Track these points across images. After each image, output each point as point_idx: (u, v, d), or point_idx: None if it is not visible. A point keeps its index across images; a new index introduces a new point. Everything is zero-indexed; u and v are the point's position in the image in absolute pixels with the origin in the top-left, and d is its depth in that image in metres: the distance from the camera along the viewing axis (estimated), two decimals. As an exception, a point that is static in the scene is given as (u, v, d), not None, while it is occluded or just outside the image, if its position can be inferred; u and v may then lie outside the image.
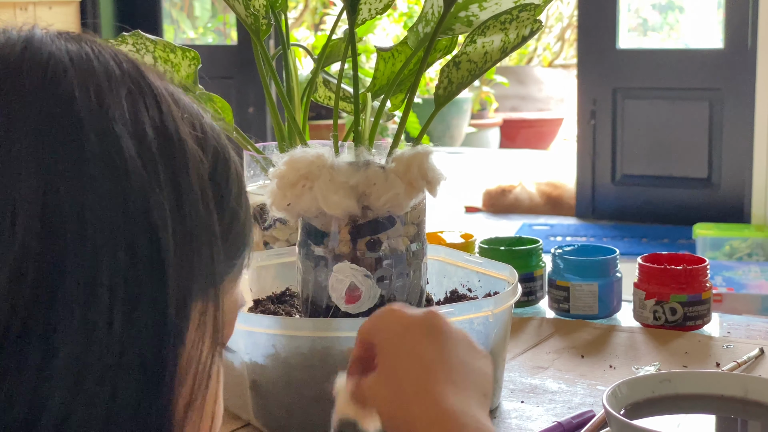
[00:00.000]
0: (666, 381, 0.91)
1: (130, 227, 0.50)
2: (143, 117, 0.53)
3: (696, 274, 1.26)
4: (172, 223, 0.52)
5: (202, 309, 0.54)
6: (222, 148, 0.59)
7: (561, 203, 5.14)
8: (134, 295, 0.50)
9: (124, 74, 0.54)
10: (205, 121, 0.58)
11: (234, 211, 0.58)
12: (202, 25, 7.05)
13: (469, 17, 1.02)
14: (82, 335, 0.49)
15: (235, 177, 0.59)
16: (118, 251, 0.50)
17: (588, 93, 4.84)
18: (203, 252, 0.54)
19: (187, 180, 0.53)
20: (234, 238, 0.58)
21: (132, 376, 0.50)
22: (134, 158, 0.51)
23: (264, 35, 1.11)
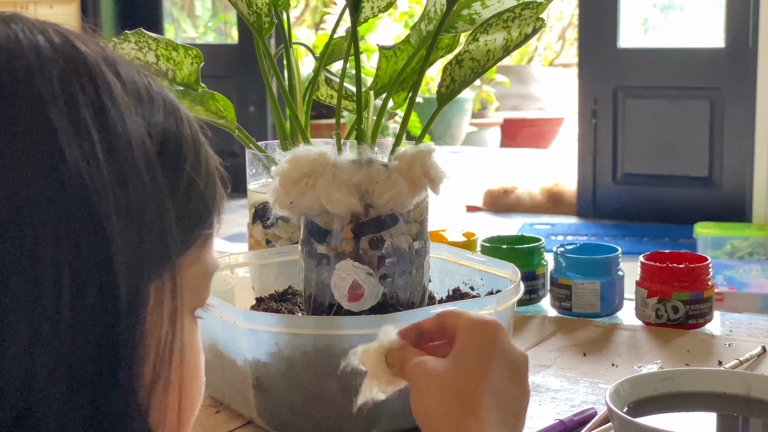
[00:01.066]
0: (668, 379, 0.91)
1: (69, 212, 0.49)
2: (77, 97, 0.51)
3: (698, 273, 1.26)
4: (115, 204, 0.50)
5: (158, 285, 0.53)
6: (172, 113, 0.56)
7: (562, 202, 5.14)
8: (81, 281, 0.49)
9: (57, 53, 0.52)
10: (153, 88, 0.56)
11: (190, 179, 0.56)
12: (203, 24, 7.06)
13: (471, 15, 1.02)
14: (30, 326, 0.48)
15: (189, 143, 0.57)
16: (60, 237, 0.48)
17: (589, 92, 4.84)
18: (153, 229, 0.52)
19: (128, 157, 0.52)
20: (193, 208, 0.56)
21: (87, 360, 0.50)
22: (69, 141, 0.50)
23: (266, 33, 1.11)
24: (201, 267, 0.58)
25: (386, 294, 0.98)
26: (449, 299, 1.12)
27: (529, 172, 6.38)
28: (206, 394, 1.06)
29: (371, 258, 0.98)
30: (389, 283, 0.98)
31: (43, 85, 0.50)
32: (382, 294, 0.98)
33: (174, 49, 1.16)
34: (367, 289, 0.97)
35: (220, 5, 7.00)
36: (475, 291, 1.13)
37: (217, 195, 0.59)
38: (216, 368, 1.03)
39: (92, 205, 0.49)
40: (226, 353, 1.00)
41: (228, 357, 0.99)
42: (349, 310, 0.97)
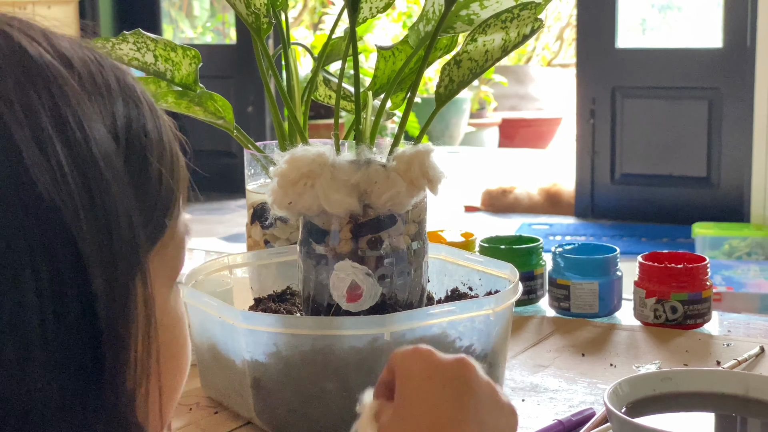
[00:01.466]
0: (667, 379, 0.91)
1: (43, 231, 0.48)
2: (35, 105, 0.49)
3: (696, 273, 1.26)
4: (85, 216, 0.50)
5: (132, 284, 0.53)
6: (131, 98, 0.55)
7: (560, 202, 5.14)
8: (62, 299, 0.49)
9: (8, 61, 0.50)
10: (110, 78, 0.55)
11: (156, 171, 0.56)
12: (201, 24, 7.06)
13: (470, 16, 1.02)
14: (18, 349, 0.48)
15: (152, 128, 0.56)
16: (36, 257, 0.48)
17: (587, 92, 4.85)
18: (123, 233, 0.52)
19: (93, 164, 0.51)
20: (161, 200, 0.56)
21: (76, 374, 0.50)
22: (34, 158, 0.48)
23: (265, 34, 1.11)
24: (174, 243, 0.58)
25: (385, 294, 0.98)
26: (448, 299, 1.12)
27: (528, 172, 6.38)
28: (205, 394, 1.07)
29: (370, 258, 0.98)
30: (388, 284, 0.98)
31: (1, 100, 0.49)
32: (380, 294, 0.98)
33: (172, 49, 1.16)
34: (365, 290, 0.97)
35: (219, 6, 7.00)
36: (474, 291, 1.13)
37: (181, 175, 0.59)
38: (215, 369, 1.03)
39: (64, 221, 0.49)
40: (224, 354, 1.00)
41: (227, 357, 0.99)
42: (348, 310, 0.97)
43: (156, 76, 1.16)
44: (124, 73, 0.57)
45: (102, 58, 0.56)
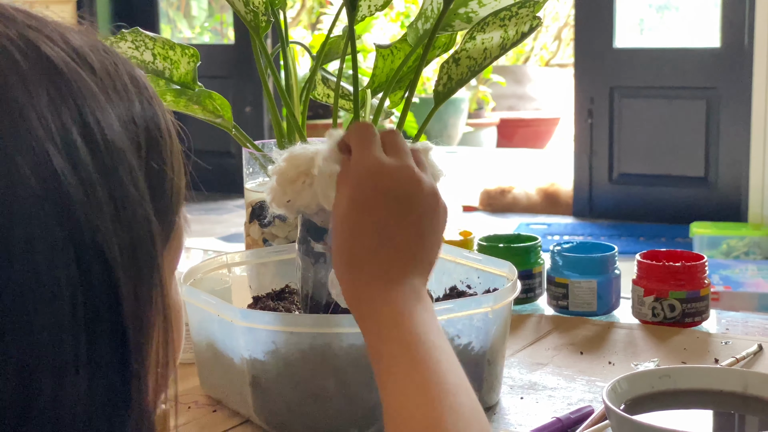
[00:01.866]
0: (665, 376, 0.91)
1: (75, 240, 0.49)
2: (66, 116, 0.50)
3: (695, 271, 1.26)
4: (111, 221, 0.50)
5: (154, 296, 0.53)
6: (146, 97, 0.56)
7: (558, 202, 5.15)
8: (93, 316, 0.49)
9: (35, 70, 0.50)
10: (124, 76, 0.55)
11: (170, 172, 0.56)
12: (199, 24, 7.05)
13: (468, 14, 1.02)
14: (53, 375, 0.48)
15: (164, 128, 0.57)
16: (71, 272, 0.48)
17: (585, 92, 4.85)
18: (143, 237, 0.52)
19: (115, 167, 0.51)
20: (172, 199, 0.57)
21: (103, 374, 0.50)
22: (62, 162, 0.49)
23: (263, 32, 1.11)
24: (177, 236, 0.59)
25: (383, 292, 0.98)
26: (446, 297, 1.12)
27: (526, 172, 6.38)
28: (204, 392, 1.07)
29: (368, 256, 0.98)
30: (386, 282, 0.98)
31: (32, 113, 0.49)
32: (379, 292, 0.98)
33: (171, 48, 1.16)
34: (364, 288, 0.97)
35: (216, 6, 7.00)
36: (472, 289, 1.13)
37: (183, 169, 0.59)
38: (213, 367, 1.03)
39: (94, 232, 0.49)
40: (223, 352, 1.00)
41: (225, 355, 0.99)
42: (346, 308, 0.97)
43: (154, 74, 1.16)
44: (133, 68, 0.57)
45: (114, 55, 0.56)
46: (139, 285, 0.52)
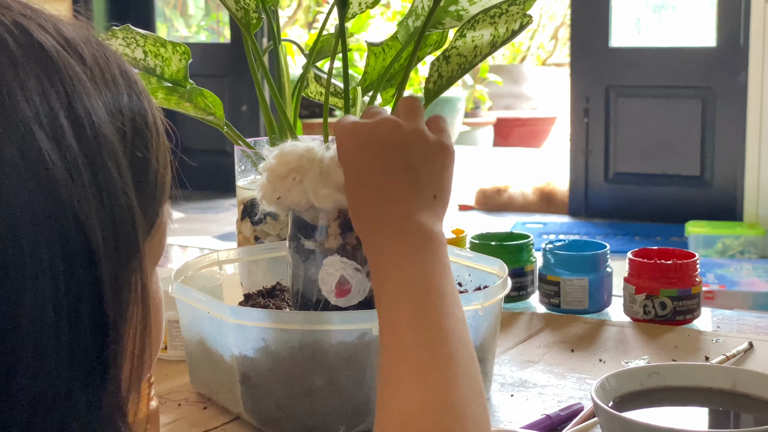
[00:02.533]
0: (654, 374, 0.92)
1: (60, 226, 0.49)
2: (55, 104, 0.50)
3: (686, 269, 1.26)
4: (95, 209, 0.51)
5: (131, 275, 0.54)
6: (134, 90, 0.56)
7: (554, 201, 5.15)
8: (76, 299, 0.50)
9: (27, 57, 0.51)
10: (113, 67, 0.56)
11: (155, 165, 0.57)
12: (196, 23, 7.05)
13: (458, 11, 1.02)
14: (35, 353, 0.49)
15: (152, 121, 0.57)
16: (54, 255, 0.49)
17: (581, 91, 4.86)
18: (126, 227, 0.53)
19: (101, 156, 0.52)
20: (157, 190, 0.58)
21: (82, 372, 0.51)
22: (49, 147, 0.49)
23: (254, 29, 1.11)
24: (160, 229, 0.60)
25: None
26: (437, 295, 1.12)
27: (522, 171, 6.38)
28: (194, 390, 1.07)
29: (358, 253, 0.98)
30: (376, 279, 0.98)
31: (21, 94, 0.49)
32: (369, 289, 0.98)
33: (162, 45, 1.16)
34: (354, 285, 0.97)
35: (213, 4, 7.00)
36: (463, 287, 1.13)
37: (169, 164, 0.60)
38: (203, 364, 1.03)
39: (78, 218, 0.50)
40: (213, 349, 1.00)
41: (216, 353, 0.99)
42: (337, 305, 0.97)
43: (146, 71, 1.16)
44: (124, 63, 0.58)
45: (106, 49, 0.57)
46: (119, 269, 0.52)
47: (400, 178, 0.77)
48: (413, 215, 0.76)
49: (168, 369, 1.14)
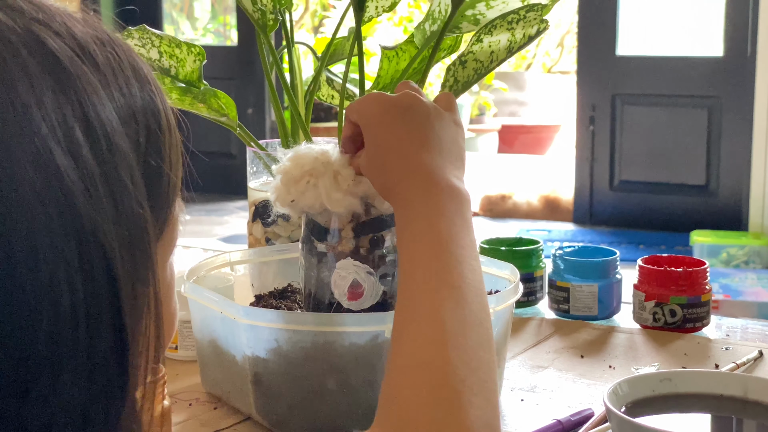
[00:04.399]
0: (666, 380, 0.92)
1: (76, 237, 0.49)
2: (69, 115, 0.50)
3: (696, 277, 1.27)
4: (116, 234, 0.51)
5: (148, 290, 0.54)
6: (146, 89, 0.56)
7: (559, 209, 5.15)
8: (94, 313, 0.50)
9: (41, 67, 0.50)
10: (126, 68, 0.56)
11: (167, 176, 0.57)
12: (202, 26, 7.06)
13: (476, 16, 1.03)
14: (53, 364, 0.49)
15: (164, 122, 0.57)
16: (72, 267, 0.49)
17: (587, 99, 4.86)
18: (142, 245, 0.53)
19: (114, 162, 0.51)
20: (168, 191, 0.58)
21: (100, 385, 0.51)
22: (63, 158, 0.49)
23: (271, 30, 1.11)
24: (171, 226, 0.60)
25: (386, 293, 0.98)
26: (448, 299, 1.13)
27: (526, 178, 6.39)
28: (205, 390, 1.07)
29: (371, 257, 0.98)
30: (389, 282, 0.98)
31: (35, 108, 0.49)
32: (382, 293, 0.98)
33: (177, 46, 1.16)
34: (366, 288, 0.97)
35: (219, 7, 7.01)
36: (474, 291, 1.13)
37: (180, 159, 0.60)
38: (215, 364, 1.03)
39: (95, 227, 0.50)
40: (225, 349, 1.00)
41: (227, 353, 1.00)
42: (349, 308, 0.98)
43: (160, 72, 1.17)
44: (136, 60, 0.57)
45: (119, 48, 0.56)
46: (136, 280, 0.52)
47: (425, 139, 0.80)
48: (441, 169, 0.78)
49: (179, 369, 1.14)
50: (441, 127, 0.82)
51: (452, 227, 0.75)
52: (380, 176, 0.82)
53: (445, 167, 0.79)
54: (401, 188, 0.79)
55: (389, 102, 0.82)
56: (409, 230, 0.76)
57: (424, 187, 0.77)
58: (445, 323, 0.69)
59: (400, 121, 0.81)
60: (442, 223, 0.75)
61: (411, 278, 0.73)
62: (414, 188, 0.78)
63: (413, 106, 0.81)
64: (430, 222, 0.75)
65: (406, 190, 0.78)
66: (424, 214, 0.76)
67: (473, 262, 0.74)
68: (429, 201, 0.77)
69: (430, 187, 0.77)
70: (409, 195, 0.78)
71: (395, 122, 0.81)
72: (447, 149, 0.81)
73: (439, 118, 0.82)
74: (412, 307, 0.71)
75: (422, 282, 0.72)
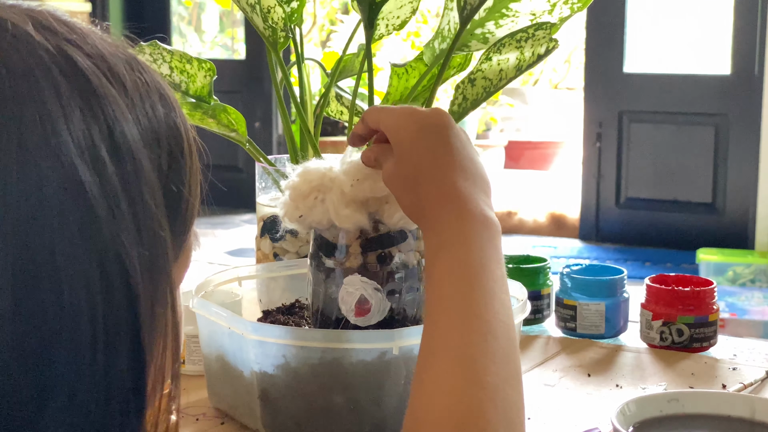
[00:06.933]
0: (674, 400, 0.92)
1: (99, 256, 0.49)
2: (97, 140, 0.50)
3: (703, 296, 1.26)
4: (138, 255, 0.51)
5: (166, 311, 0.54)
6: (170, 111, 0.57)
7: (565, 225, 5.15)
8: (112, 332, 0.50)
9: (69, 84, 0.51)
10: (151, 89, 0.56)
11: (187, 201, 0.58)
12: (210, 39, 7.08)
13: (485, 34, 1.03)
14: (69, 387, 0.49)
15: (186, 145, 0.58)
16: (91, 285, 0.49)
17: (594, 116, 4.86)
18: (162, 267, 0.53)
19: (143, 206, 0.52)
20: (187, 214, 0.58)
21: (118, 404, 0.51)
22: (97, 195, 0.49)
23: (282, 48, 1.12)
24: (186, 253, 0.61)
25: (393, 309, 0.98)
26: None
27: (532, 194, 6.39)
28: (211, 405, 1.07)
29: (379, 273, 0.98)
30: (397, 299, 0.98)
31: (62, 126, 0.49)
32: (389, 309, 0.98)
33: (188, 61, 1.17)
34: (374, 304, 0.97)
35: (227, 21, 7.03)
36: (482, 309, 1.13)
37: (199, 186, 0.61)
38: (222, 379, 1.03)
39: (116, 245, 0.50)
40: (233, 365, 1.00)
41: (235, 368, 1.00)
42: (356, 324, 0.98)
43: (171, 87, 1.17)
44: (163, 86, 0.58)
45: (147, 74, 0.57)
46: (155, 301, 0.52)
47: (459, 164, 0.78)
48: (475, 197, 0.77)
49: (186, 384, 1.14)
50: (472, 152, 0.80)
51: (484, 258, 0.73)
52: (410, 196, 0.80)
53: (478, 195, 0.77)
54: (434, 213, 0.77)
55: (424, 120, 0.80)
56: (439, 258, 0.74)
57: (458, 214, 0.75)
58: (473, 360, 0.67)
59: (436, 143, 0.79)
60: (475, 253, 0.73)
61: (439, 308, 0.71)
62: (447, 215, 0.76)
63: (448, 127, 0.79)
64: (463, 251, 0.73)
65: (439, 216, 0.76)
66: (456, 243, 0.74)
67: (503, 296, 0.72)
68: (462, 229, 0.75)
69: (464, 214, 0.75)
70: (442, 221, 0.76)
71: (430, 143, 0.79)
72: (479, 175, 0.79)
73: (469, 142, 0.81)
74: (440, 339, 0.69)
75: (451, 313, 0.70)
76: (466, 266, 0.72)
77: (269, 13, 1.09)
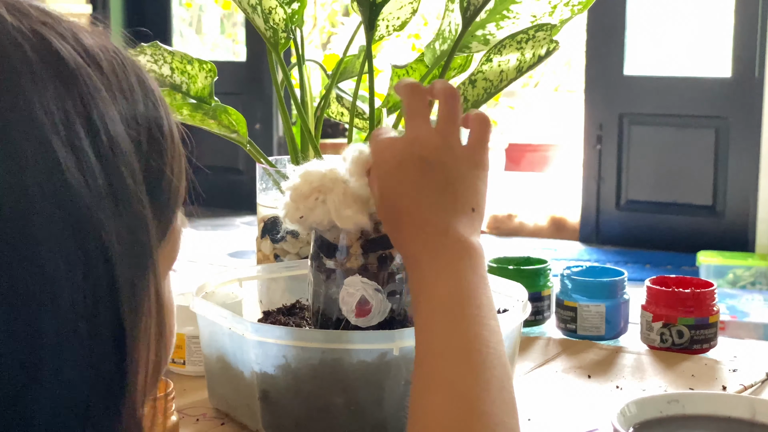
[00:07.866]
0: (674, 401, 0.92)
1: (78, 236, 0.49)
2: (73, 116, 0.51)
3: (704, 298, 1.26)
4: (115, 229, 0.51)
5: (149, 289, 0.54)
6: (151, 99, 0.57)
7: (565, 227, 5.15)
8: (93, 301, 0.50)
9: (46, 69, 0.51)
10: (131, 78, 0.56)
11: (170, 174, 0.57)
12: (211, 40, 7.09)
13: (486, 36, 1.03)
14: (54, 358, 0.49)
15: (167, 131, 0.58)
16: (72, 262, 0.49)
17: (594, 118, 4.86)
18: (142, 243, 0.53)
19: (118, 167, 0.52)
20: (171, 200, 0.58)
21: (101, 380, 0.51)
22: (67, 158, 0.49)
23: (283, 49, 1.12)
24: (173, 236, 0.60)
25: (394, 310, 0.98)
26: (456, 318, 1.13)
27: (533, 196, 6.39)
28: (212, 405, 1.07)
29: (380, 274, 0.98)
30: (397, 300, 0.98)
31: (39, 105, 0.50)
32: (389, 310, 0.98)
33: (189, 62, 1.17)
34: (374, 305, 0.97)
35: (228, 23, 7.04)
36: (482, 310, 1.13)
37: (183, 171, 0.60)
38: (223, 380, 1.03)
39: (99, 233, 0.50)
40: (233, 365, 1.00)
41: (235, 369, 1.00)
42: (357, 325, 0.98)
43: (172, 88, 1.17)
44: (141, 71, 0.58)
45: (124, 57, 0.57)
46: (135, 276, 0.53)
47: (439, 193, 0.78)
48: (453, 227, 0.77)
49: (186, 384, 1.14)
50: (458, 177, 0.80)
51: (469, 288, 0.74)
52: (392, 232, 0.82)
53: (458, 222, 0.77)
54: (412, 251, 0.78)
55: (401, 153, 0.80)
56: (423, 293, 0.75)
57: (435, 249, 0.76)
58: (468, 391, 0.67)
59: (414, 176, 0.79)
60: (456, 284, 0.74)
61: (427, 345, 0.72)
62: (427, 252, 0.76)
63: (428, 156, 0.79)
64: (444, 284, 0.74)
65: (418, 254, 0.77)
66: (436, 276, 0.75)
67: (491, 322, 0.73)
68: (443, 264, 0.75)
69: (441, 249, 0.75)
70: (421, 259, 0.76)
71: (408, 177, 0.79)
72: (462, 201, 0.79)
73: (456, 165, 0.80)
74: (431, 375, 0.70)
75: (440, 348, 0.71)
76: (449, 300, 0.73)
77: (270, 14, 1.09)
